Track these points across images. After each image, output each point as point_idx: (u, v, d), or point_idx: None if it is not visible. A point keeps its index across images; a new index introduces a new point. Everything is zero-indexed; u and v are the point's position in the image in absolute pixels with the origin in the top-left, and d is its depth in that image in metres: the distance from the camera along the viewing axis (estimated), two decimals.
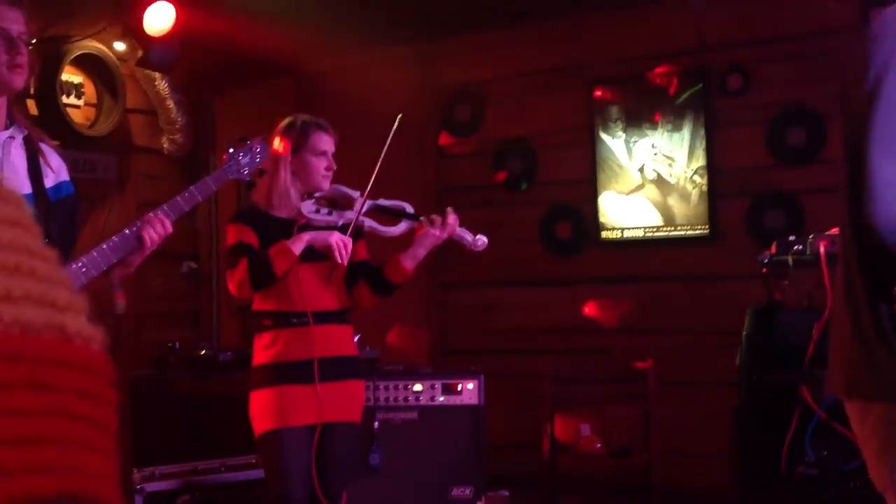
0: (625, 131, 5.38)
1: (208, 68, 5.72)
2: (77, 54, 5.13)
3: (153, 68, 5.30)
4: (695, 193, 5.21)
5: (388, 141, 3.19)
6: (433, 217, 3.28)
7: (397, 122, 3.16)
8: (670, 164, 5.27)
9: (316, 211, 3.18)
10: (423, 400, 4.40)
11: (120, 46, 5.35)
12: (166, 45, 5.02)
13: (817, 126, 4.92)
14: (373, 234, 3.29)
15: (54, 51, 5.02)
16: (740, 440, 3.61)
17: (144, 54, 5.02)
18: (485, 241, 3.33)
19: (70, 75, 5.21)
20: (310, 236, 3.15)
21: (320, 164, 3.29)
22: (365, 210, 3.22)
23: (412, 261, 3.28)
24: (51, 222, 2.34)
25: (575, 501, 5.14)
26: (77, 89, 5.27)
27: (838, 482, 3.31)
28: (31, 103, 4.90)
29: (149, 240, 2.45)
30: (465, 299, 5.78)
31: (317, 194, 3.25)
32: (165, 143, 5.76)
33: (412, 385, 4.41)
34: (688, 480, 5.01)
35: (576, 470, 5.04)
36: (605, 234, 5.43)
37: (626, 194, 5.38)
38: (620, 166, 5.39)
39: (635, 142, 5.35)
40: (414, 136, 4.69)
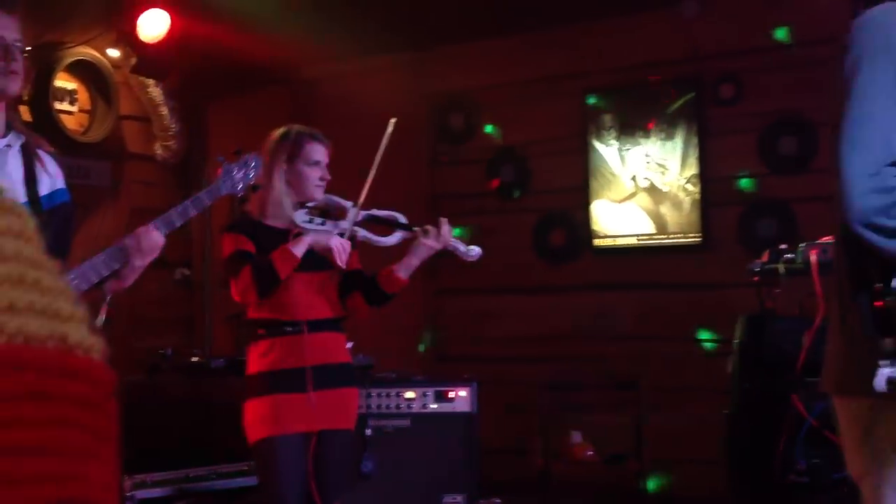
0: (618, 139, 5.40)
1: (202, 75, 5.71)
2: (71, 61, 5.14)
3: (147, 75, 5.31)
4: (687, 201, 5.22)
5: (383, 146, 3.19)
6: (427, 227, 3.28)
7: (391, 126, 3.17)
8: (663, 173, 5.28)
9: (309, 220, 3.18)
10: (415, 407, 4.40)
11: (114, 53, 5.36)
12: (160, 51, 5.02)
13: (809, 135, 4.94)
14: (367, 244, 3.28)
15: (48, 57, 5.02)
16: (732, 447, 3.62)
17: (138, 61, 5.03)
18: (478, 251, 3.33)
19: (64, 82, 5.21)
20: (311, 238, 3.15)
21: (314, 174, 3.29)
22: (359, 220, 3.22)
23: (406, 271, 3.28)
24: (44, 231, 2.33)
25: None
26: (71, 96, 5.27)
27: (829, 490, 3.32)
28: (24, 109, 4.90)
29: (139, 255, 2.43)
30: (459, 306, 5.79)
31: (309, 204, 3.25)
32: (159, 150, 5.76)
33: (404, 392, 4.42)
34: (680, 488, 5.02)
35: (568, 477, 5.04)
36: (597, 241, 5.44)
37: (619, 202, 5.39)
38: (613, 174, 5.40)
39: (628, 150, 5.37)
40: (408, 144, 4.69)
